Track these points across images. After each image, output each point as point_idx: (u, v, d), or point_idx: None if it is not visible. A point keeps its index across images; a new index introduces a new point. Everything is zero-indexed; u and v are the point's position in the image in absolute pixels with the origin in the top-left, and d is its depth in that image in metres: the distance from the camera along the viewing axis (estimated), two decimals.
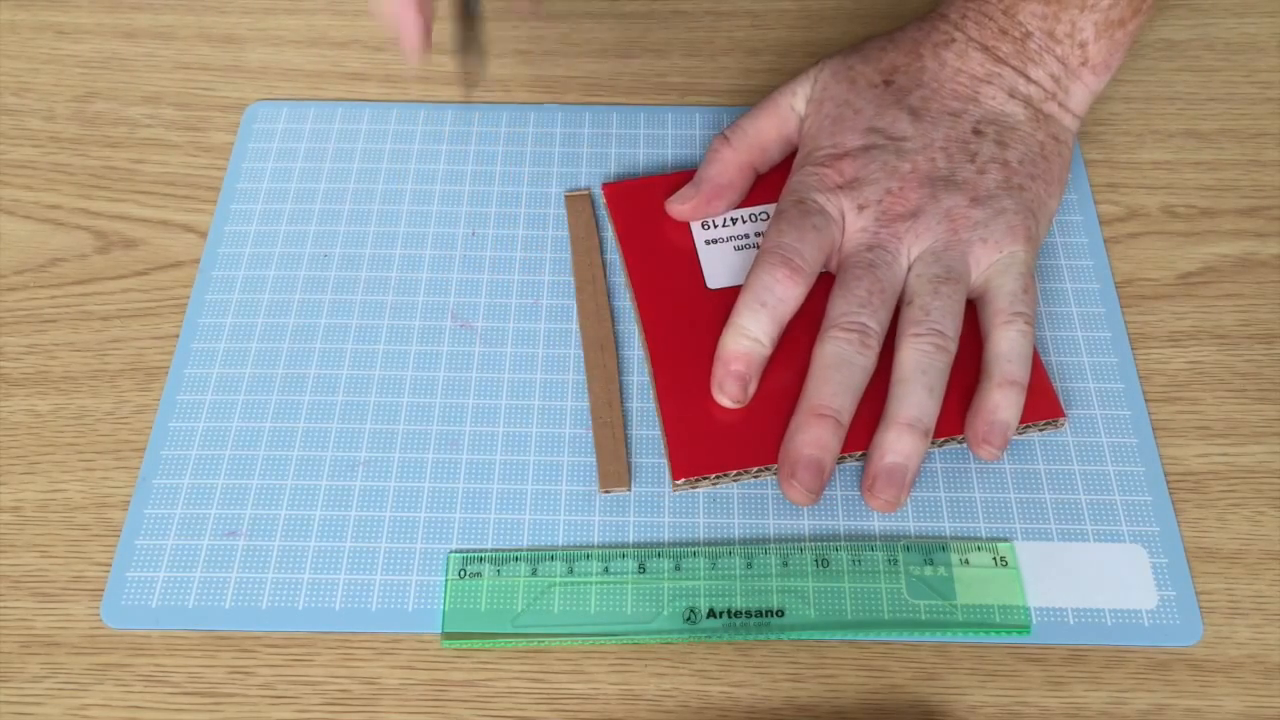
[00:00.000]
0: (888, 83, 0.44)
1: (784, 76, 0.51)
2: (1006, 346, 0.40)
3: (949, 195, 0.41)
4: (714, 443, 0.40)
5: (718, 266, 0.44)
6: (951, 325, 0.39)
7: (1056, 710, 0.36)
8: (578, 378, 0.43)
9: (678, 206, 0.45)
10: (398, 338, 0.44)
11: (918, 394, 0.38)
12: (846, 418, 0.39)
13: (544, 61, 0.53)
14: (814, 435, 0.38)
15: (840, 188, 0.42)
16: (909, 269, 0.41)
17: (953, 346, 0.39)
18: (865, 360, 0.39)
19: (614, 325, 0.44)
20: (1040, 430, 0.41)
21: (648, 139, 0.49)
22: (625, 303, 0.44)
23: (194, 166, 0.49)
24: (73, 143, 0.50)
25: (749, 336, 0.40)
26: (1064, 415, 0.40)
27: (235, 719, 0.36)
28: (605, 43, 0.53)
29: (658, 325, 0.43)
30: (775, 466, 0.39)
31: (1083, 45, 0.43)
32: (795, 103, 0.46)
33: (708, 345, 0.42)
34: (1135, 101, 0.51)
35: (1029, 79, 0.43)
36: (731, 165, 0.45)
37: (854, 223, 0.41)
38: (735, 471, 0.39)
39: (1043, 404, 0.40)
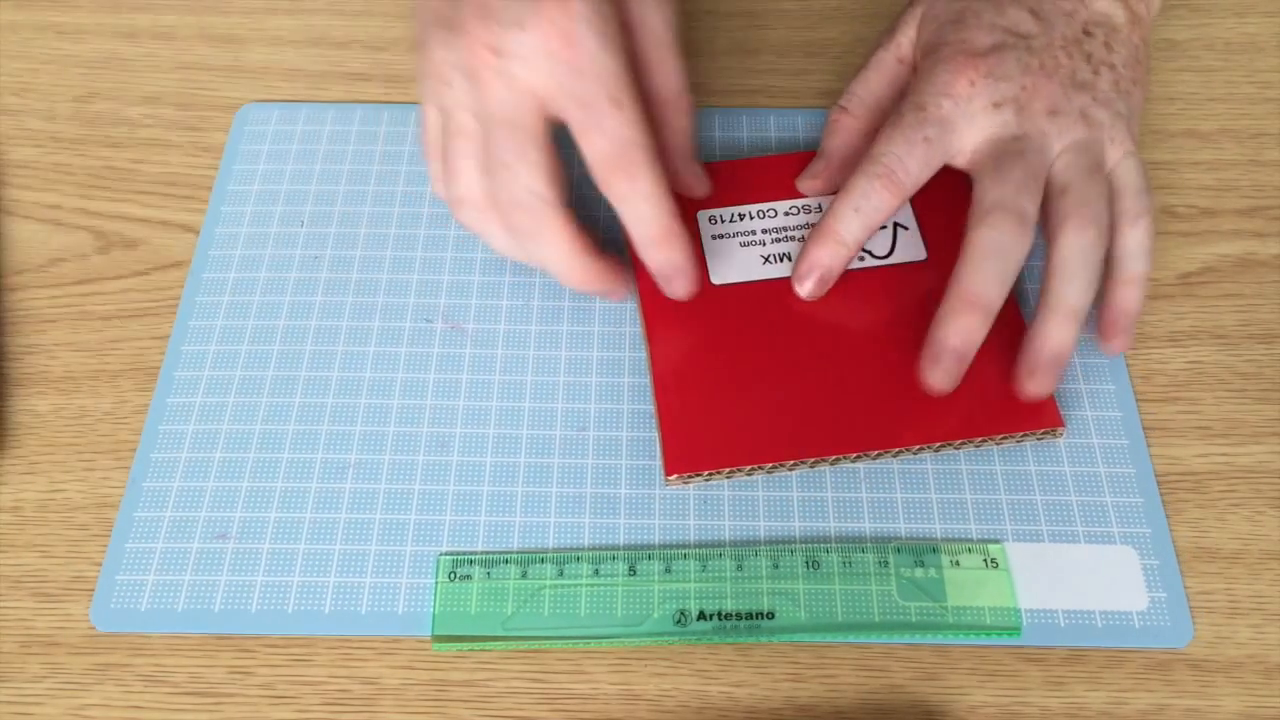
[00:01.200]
0: None
1: (784, 76, 0.52)
2: (1134, 244, 0.40)
3: (1078, 95, 0.41)
4: (709, 439, 0.40)
5: (722, 262, 0.44)
6: (1108, 219, 0.39)
7: (1056, 710, 0.36)
8: (569, 379, 0.42)
9: (809, 183, 0.45)
10: (388, 339, 0.43)
11: (1081, 284, 0.38)
12: (996, 309, 0.39)
13: None
14: (963, 324, 0.38)
15: (973, 84, 0.41)
16: (1056, 158, 0.40)
17: (1107, 238, 0.39)
18: (1023, 247, 0.38)
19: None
20: (1038, 439, 0.41)
21: None
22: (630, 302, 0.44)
23: (194, 166, 0.49)
24: (73, 143, 0.50)
25: (838, 240, 0.41)
26: (1063, 425, 0.40)
27: (235, 719, 0.36)
28: None
29: (659, 317, 0.43)
30: (767, 466, 0.39)
31: None
32: (901, 53, 0.45)
33: (707, 341, 0.42)
34: None
35: None
36: (854, 133, 0.45)
37: (992, 119, 0.41)
38: (728, 470, 0.39)
39: (1043, 413, 0.40)
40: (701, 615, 0.37)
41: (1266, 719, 0.36)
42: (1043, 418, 0.40)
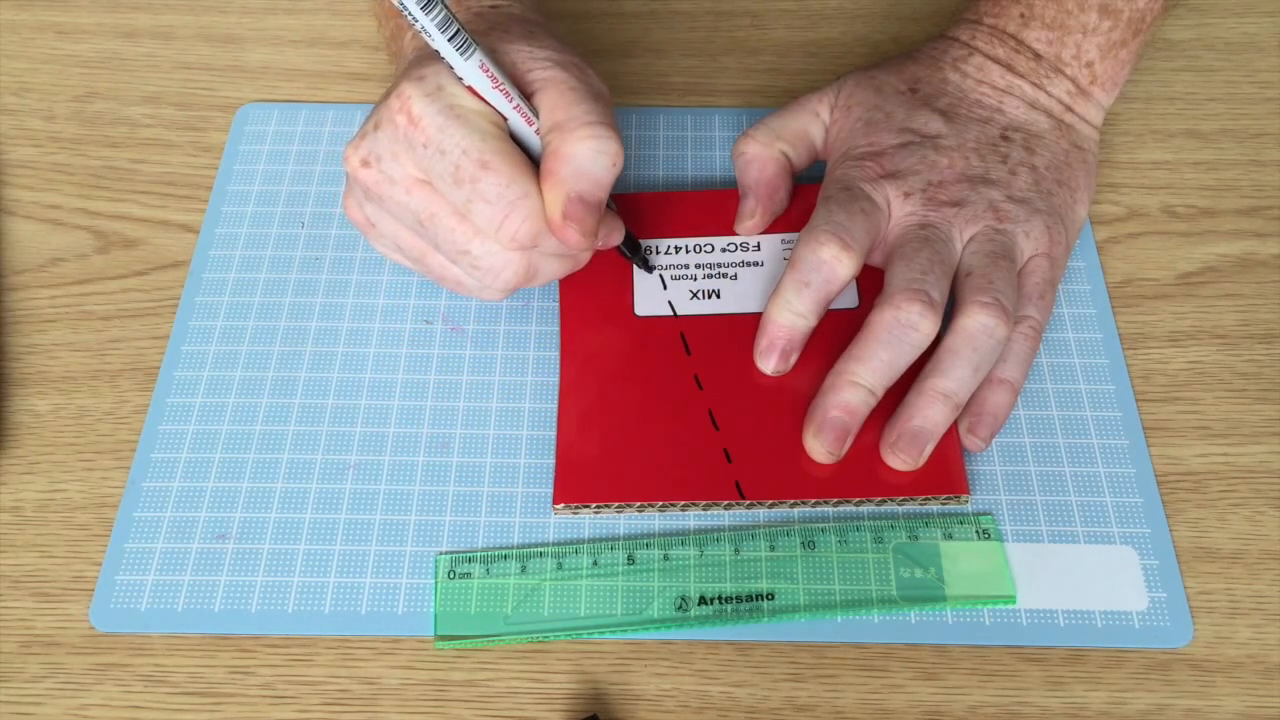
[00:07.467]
0: (913, 90, 0.44)
1: (784, 76, 0.52)
2: (1014, 349, 0.40)
3: (989, 189, 0.41)
4: (600, 473, 0.39)
5: (649, 294, 0.44)
6: (1012, 299, 0.39)
7: (1056, 710, 0.36)
8: None
9: (748, 223, 0.45)
10: (388, 341, 0.43)
11: (961, 369, 0.38)
12: (881, 391, 0.39)
13: None
14: (843, 399, 0.38)
15: (883, 177, 0.42)
16: (963, 248, 0.41)
17: (1011, 322, 0.39)
18: (927, 327, 0.38)
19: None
20: (942, 504, 0.39)
21: (639, 140, 0.49)
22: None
23: (194, 166, 0.49)
24: (73, 143, 0.50)
25: (792, 310, 0.40)
26: (969, 493, 0.39)
27: (235, 719, 0.36)
28: (605, 43, 0.53)
29: (574, 346, 0.42)
30: (658, 504, 0.39)
31: (1089, 65, 0.44)
32: (820, 109, 0.45)
33: (617, 373, 0.41)
34: (1135, 101, 0.51)
35: (1048, 93, 0.44)
36: (768, 161, 0.45)
37: (901, 208, 0.41)
38: (618, 505, 0.39)
39: (950, 478, 0.39)
40: (702, 600, 0.37)
41: (1266, 719, 0.36)
42: (950, 483, 0.39)
